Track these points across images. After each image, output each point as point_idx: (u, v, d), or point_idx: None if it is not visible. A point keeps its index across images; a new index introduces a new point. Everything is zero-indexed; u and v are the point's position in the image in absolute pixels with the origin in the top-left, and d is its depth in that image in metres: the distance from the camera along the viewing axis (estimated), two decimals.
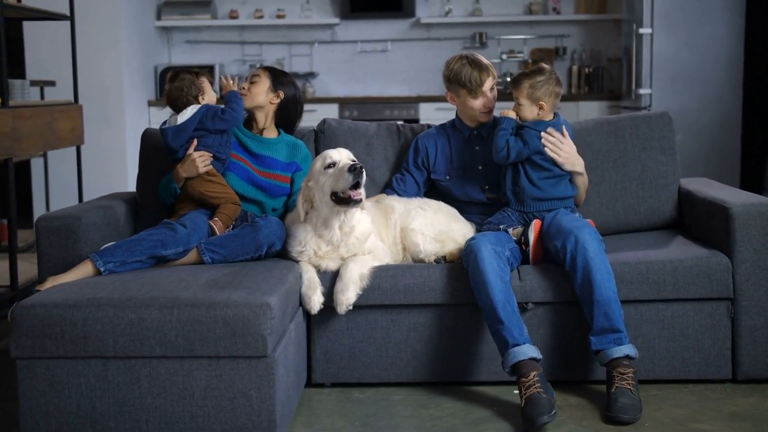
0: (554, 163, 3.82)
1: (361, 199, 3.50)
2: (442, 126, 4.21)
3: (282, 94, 4.01)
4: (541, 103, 3.81)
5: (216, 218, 3.69)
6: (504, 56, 8.40)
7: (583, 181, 3.94)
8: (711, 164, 6.91)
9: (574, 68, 8.30)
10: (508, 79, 8.20)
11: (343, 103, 8.07)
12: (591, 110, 7.81)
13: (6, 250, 5.49)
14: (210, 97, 3.90)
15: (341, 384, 3.70)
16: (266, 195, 3.92)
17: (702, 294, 3.60)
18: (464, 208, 4.03)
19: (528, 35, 8.48)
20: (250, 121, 4.02)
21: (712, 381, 3.68)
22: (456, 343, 3.64)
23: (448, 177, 4.09)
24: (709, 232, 3.83)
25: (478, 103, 3.99)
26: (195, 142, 3.80)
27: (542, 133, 3.80)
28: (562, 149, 3.82)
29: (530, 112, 3.84)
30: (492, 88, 4.00)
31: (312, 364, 3.68)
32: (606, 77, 8.26)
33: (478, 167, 4.05)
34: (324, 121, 4.32)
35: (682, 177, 4.33)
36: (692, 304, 3.62)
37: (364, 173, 3.50)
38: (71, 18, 5.71)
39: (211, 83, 3.96)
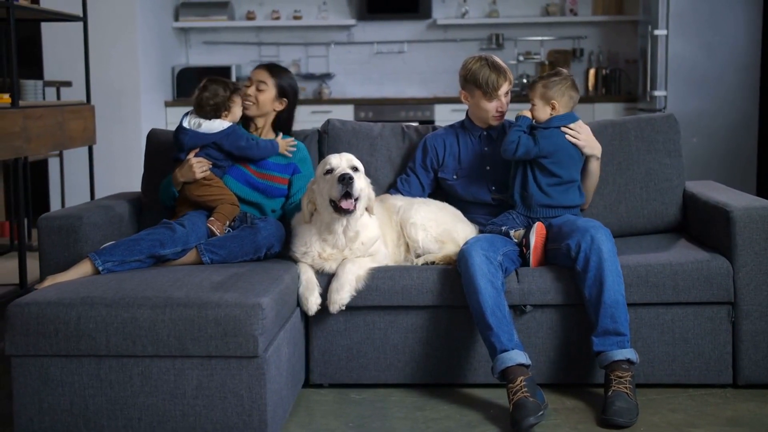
0: (575, 159, 3.83)
1: (351, 210, 3.49)
2: (451, 126, 4.20)
3: (285, 102, 4.03)
4: (552, 102, 3.82)
5: (212, 218, 3.71)
6: (521, 58, 8.38)
7: (598, 170, 3.94)
8: (727, 167, 6.85)
9: (591, 70, 8.26)
10: (525, 80, 8.20)
11: (359, 104, 8.09)
12: (607, 112, 7.76)
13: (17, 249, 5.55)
14: (234, 116, 3.87)
15: (339, 385, 3.70)
16: (263, 196, 3.92)
17: (702, 298, 3.57)
18: (469, 208, 4.02)
19: (545, 37, 8.45)
20: (247, 123, 4.02)
21: (712, 386, 3.64)
22: (454, 345, 3.63)
23: (455, 177, 4.08)
24: (710, 235, 3.80)
25: (491, 106, 3.98)
26: (197, 149, 3.82)
27: (561, 129, 3.81)
28: (582, 134, 3.84)
29: (543, 112, 3.85)
30: (507, 93, 4.00)
31: (310, 365, 3.69)
32: (623, 79, 8.21)
33: (485, 168, 4.04)
34: (328, 122, 4.33)
35: (696, 180, 4.29)
36: (692, 308, 3.59)
37: (356, 184, 3.48)
38: (84, 19, 5.75)
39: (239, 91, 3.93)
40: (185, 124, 3.84)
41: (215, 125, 3.80)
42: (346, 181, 3.45)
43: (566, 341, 3.59)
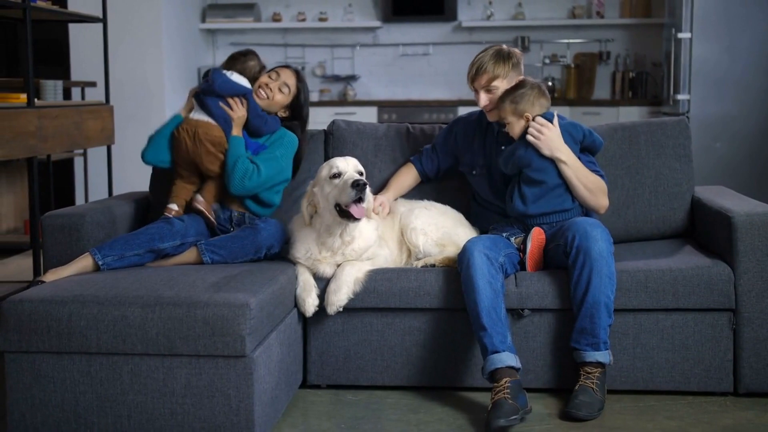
0: (539, 159, 3.68)
1: (361, 218, 3.49)
2: (482, 114, 3.98)
3: (289, 113, 4.06)
4: (526, 115, 3.69)
5: (200, 198, 3.76)
6: (547, 60, 8.33)
7: (574, 177, 3.68)
8: (750, 172, 6.74)
9: (618, 73, 8.18)
10: (550, 83, 8.15)
11: (383, 105, 8.09)
12: (631, 116, 7.67)
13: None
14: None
15: (336, 386, 3.71)
16: None
17: (703, 304, 3.53)
18: (488, 207, 3.96)
19: (571, 39, 8.39)
20: None
21: (712, 393, 3.59)
22: (451, 348, 3.62)
23: (474, 172, 3.98)
24: (713, 241, 3.75)
25: (476, 97, 3.87)
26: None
27: (531, 122, 3.68)
28: (543, 134, 3.65)
29: (518, 127, 3.72)
30: (489, 89, 3.79)
31: (307, 366, 3.70)
32: (650, 82, 8.12)
33: (501, 171, 3.89)
34: (333, 123, 4.33)
35: (718, 185, 4.22)
36: (693, 314, 3.55)
37: (368, 190, 3.48)
38: (104, 21, 5.81)
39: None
40: (225, 73, 3.92)
41: (244, 81, 3.93)
42: (360, 187, 3.44)
43: (564, 345, 3.56)
